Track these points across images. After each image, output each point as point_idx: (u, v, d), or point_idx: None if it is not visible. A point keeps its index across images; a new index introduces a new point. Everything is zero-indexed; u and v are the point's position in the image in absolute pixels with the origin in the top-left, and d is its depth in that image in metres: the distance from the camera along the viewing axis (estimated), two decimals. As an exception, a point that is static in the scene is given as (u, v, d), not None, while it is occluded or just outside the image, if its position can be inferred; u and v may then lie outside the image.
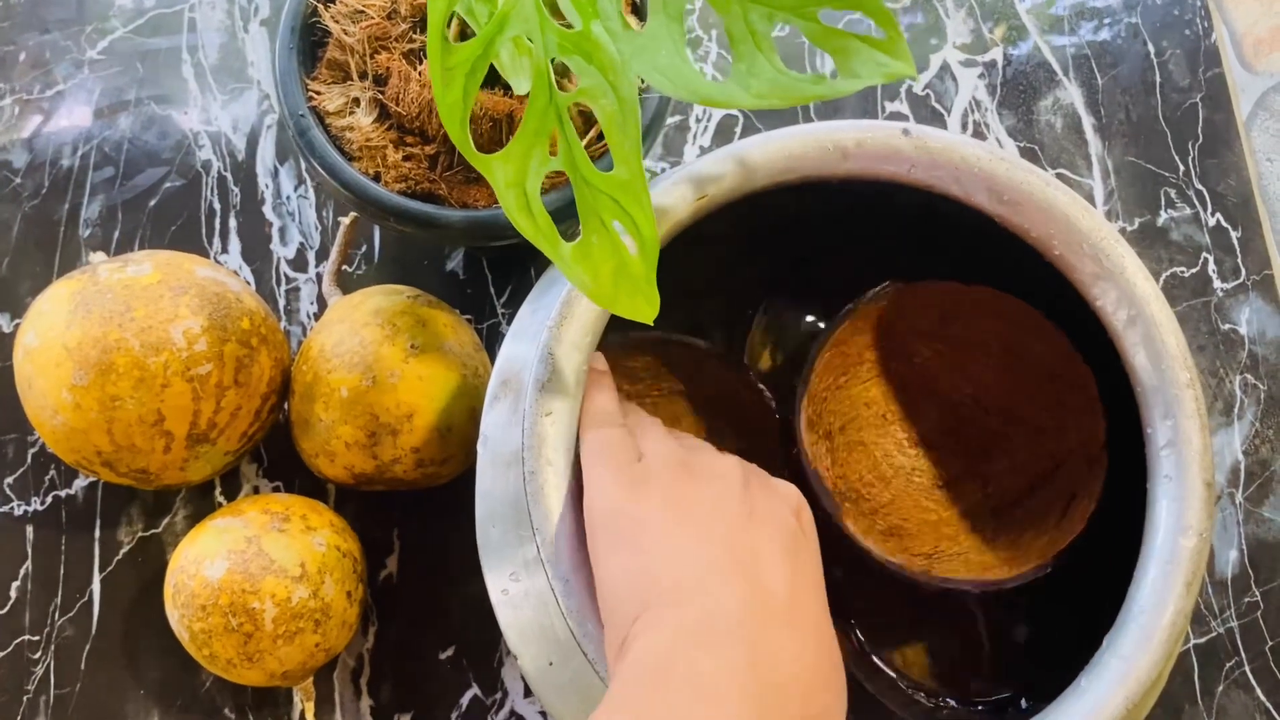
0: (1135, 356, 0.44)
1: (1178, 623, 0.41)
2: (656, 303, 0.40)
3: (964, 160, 0.46)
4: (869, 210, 0.49)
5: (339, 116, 0.53)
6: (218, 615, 0.51)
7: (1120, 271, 0.45)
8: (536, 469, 0.42)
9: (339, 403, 0.53)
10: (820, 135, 0.46)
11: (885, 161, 0.46)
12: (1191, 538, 0.42)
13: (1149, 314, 0.44)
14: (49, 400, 0.52)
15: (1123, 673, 0.41)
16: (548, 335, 0.44)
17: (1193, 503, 0.42)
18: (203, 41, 0.69)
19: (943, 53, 0.69)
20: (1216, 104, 0.68)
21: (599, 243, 0.39)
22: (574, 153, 0.38)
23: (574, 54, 0.37)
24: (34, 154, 0.66)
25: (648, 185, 0.38)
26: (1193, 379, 0.44)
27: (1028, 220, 0.46)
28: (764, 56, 0.40)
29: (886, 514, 0.54)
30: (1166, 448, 0.43)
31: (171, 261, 0.55)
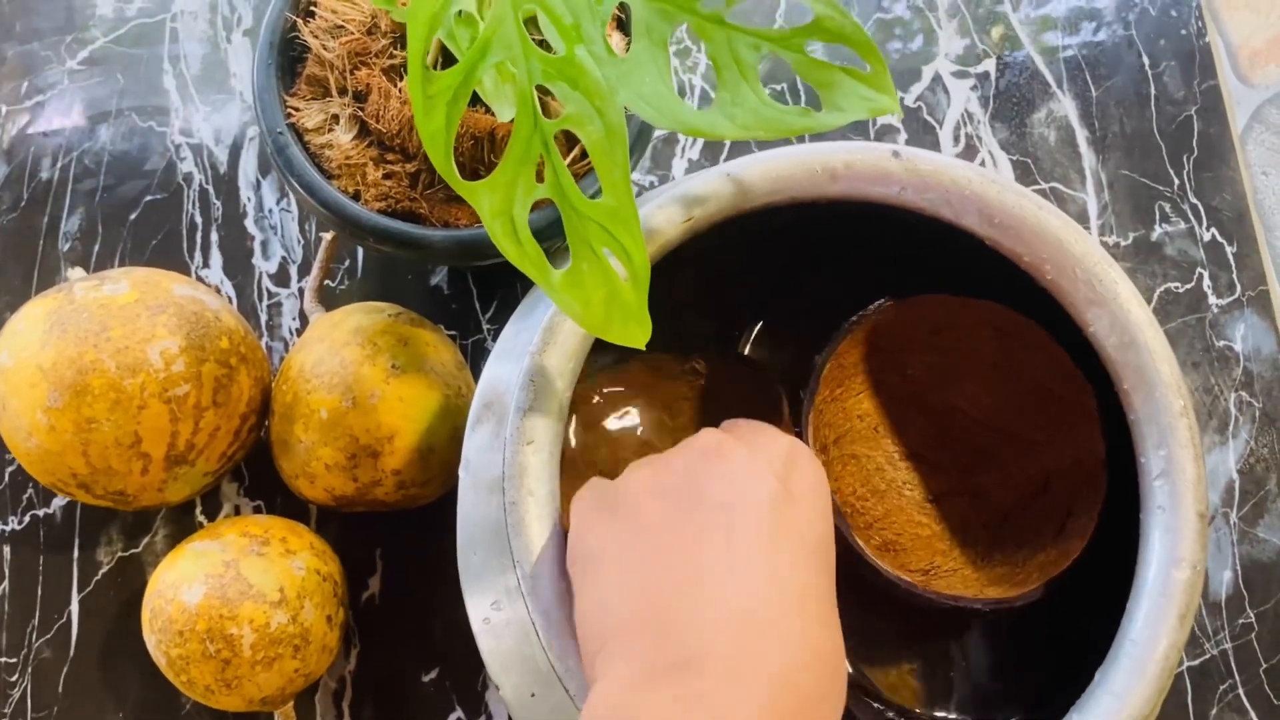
0: (1128, 384, 0.44)
1: (1171, 656, 0.40)
2: (649, 328, 0.39)
3: (954, 183, 0.45)
4: (860, 230, 0.48)
5: (318, 133, 0.52)
6: (195, 641, 0.51)
7: (1114, 298, 0.44)
8: (518, 499, 0.42)
9: (319, 424, 0.52)
10: (808, 157, 0.45)
11: (875, 183, 0.45)
12: (1185, 570, 0.41)
13: (1142, 341, 0.44)
14: (23, 422, 0.51)
15: (1115, 710, 0.40)
16: (530, 362, 0.43)
17: (1186, 534, 0.41)
18: (184, 52, 0.68)
19: (934, 64, 0.68)
20: (1211, 117, 0.67)
21: (589, 270, 0.38)
22: (561, 181, 0.37)
23: (558, 80, 0.36)
24: (12, 165, 0.65)
25: (637, 211, 0.37)
26: (1186, 407, 0.43)
27: (1020, 244, 0.45)
28: (749, 86, 0.40)
29: (881, 528, 0.53)
30: (1160, 478, 0.43)
31: (149, 280, 0.54)
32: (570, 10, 0.36)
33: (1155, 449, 0.43)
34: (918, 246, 0.49)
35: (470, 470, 0.47)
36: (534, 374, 0.43)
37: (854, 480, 0.54)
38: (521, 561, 0.41)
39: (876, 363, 0.54)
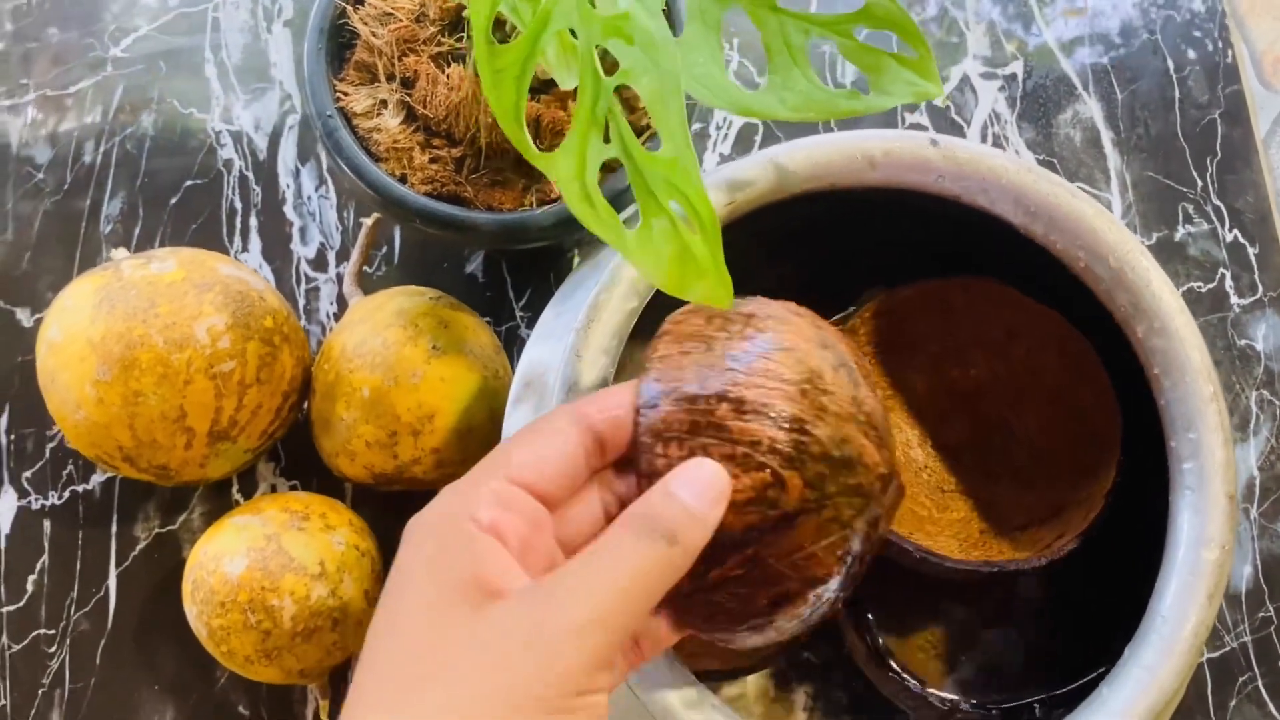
0: (1159, 368, 0.45)
1: (1200, 633, 0.41)
2: (729, 284, 0.38)
3: (991, 171, 0.46)
4: (894, 220, 0.49)
5: (366, 118, 0.53)
6: (236, 612, 0.52)
7: (1145, 285, 0.45)
8: None
9: (360, 402, 0.54)
10: (848, 144, 0.46)
11: (913, 171, 0.46)
12: (1214, 550, 0.42)
13: (1173, 328, 0.45)
14: (72, 395, 0.52)
15: (1145, 683, 0.41)
16: (574, 338, 0.44)
17: (1215, 515, 0.42)
18: (226, 41, 0.69)
19: (963, 65, 0.69)
20: (1235, 121, 0.68)
21: (659, 227, 0.38)
22: (624, 136, 0.38)
23: (615, 36, 0.36)
24: (56, 150, 0.67)
25: (696, 159, 0.37)
26: (1216, 393, 0.44)
27: (1054, 232, 0.46)
28: (799, 70, 0.41)
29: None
30: (1189, 461, 0.44)
31: (195, 259, 0.55)
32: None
33: (1184, 433, 0.44)
34: (949, 240, 0.50)
35: None
36: (579, 349, 0.44)
37: None
38: None
39: (942, 346, 0.54)
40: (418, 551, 0.35)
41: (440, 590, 0.33)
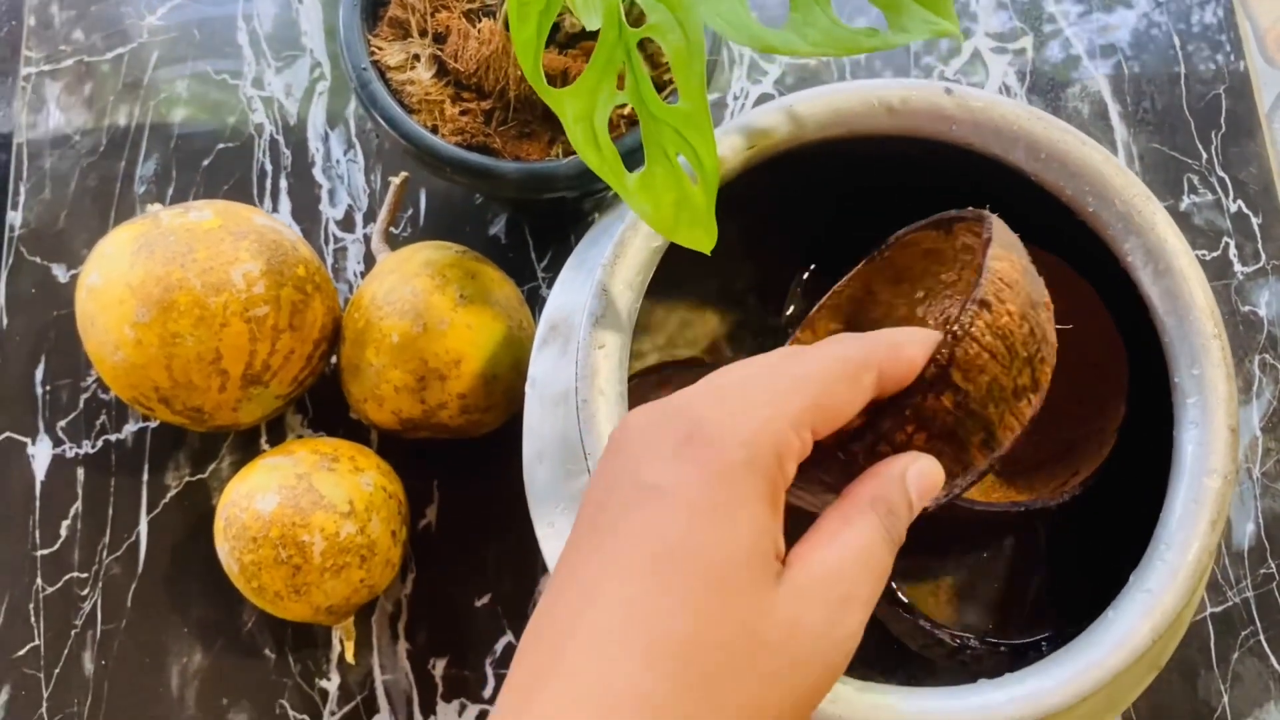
0: (1163, 309, 0.46)
1: (1202, 559, 0.43)
2: (714, 233, 0.42)
3: (1003, 118, 0.48)
4: (910, 168, 0.51)
5: (399, 71, 0.55)
6: (268, 547, 0.53)
7: (1151, 227, 0.47)
8: (589, 398, 0.44)
9: (390, 348, 0.55)
10: (866, 91, 0.48)
11: (928, 119, 0.48)
12: (1216, 479, 0.43)
13: (1178, 268, 0.46)
14: (111, 336, 0.54)
15: (1149, 606, 0.42)
16: (601, 273, 0.46)
17: (1218, 446, 0.44)
18: (258, 10, 0.71)
19: (974, 40, 0.71)
20: (1239, 95, 0.70)
21: (662, 174, 0.41)
22: (641, 86, 0.40)
23: None
24: (92, 114, 0.69)
25: (710, 117, 0.40)
26: (1219, 330, 0.45)
27: (1064, 178, 0.48)
28: (820, 8, 0.43)
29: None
30: (1193, 395, 0.45)
31: (230, 209, 0.57)
32: (656, -75, 0.39)
33: (1189, 369, 0.45)
34: (963, 188, 0.51)
35: (536, 387, 0.49)
36: (605, 285, 0.45)
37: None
38: (592, 454, 0.44)
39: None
40: (734, 486, 0.29)
41: (743, 550, 0.29)
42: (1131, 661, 0.41)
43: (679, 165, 0.41)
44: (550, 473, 0.48)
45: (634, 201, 0.42)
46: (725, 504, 0.29)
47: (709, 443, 0.29)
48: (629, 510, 0.29)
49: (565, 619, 0.29)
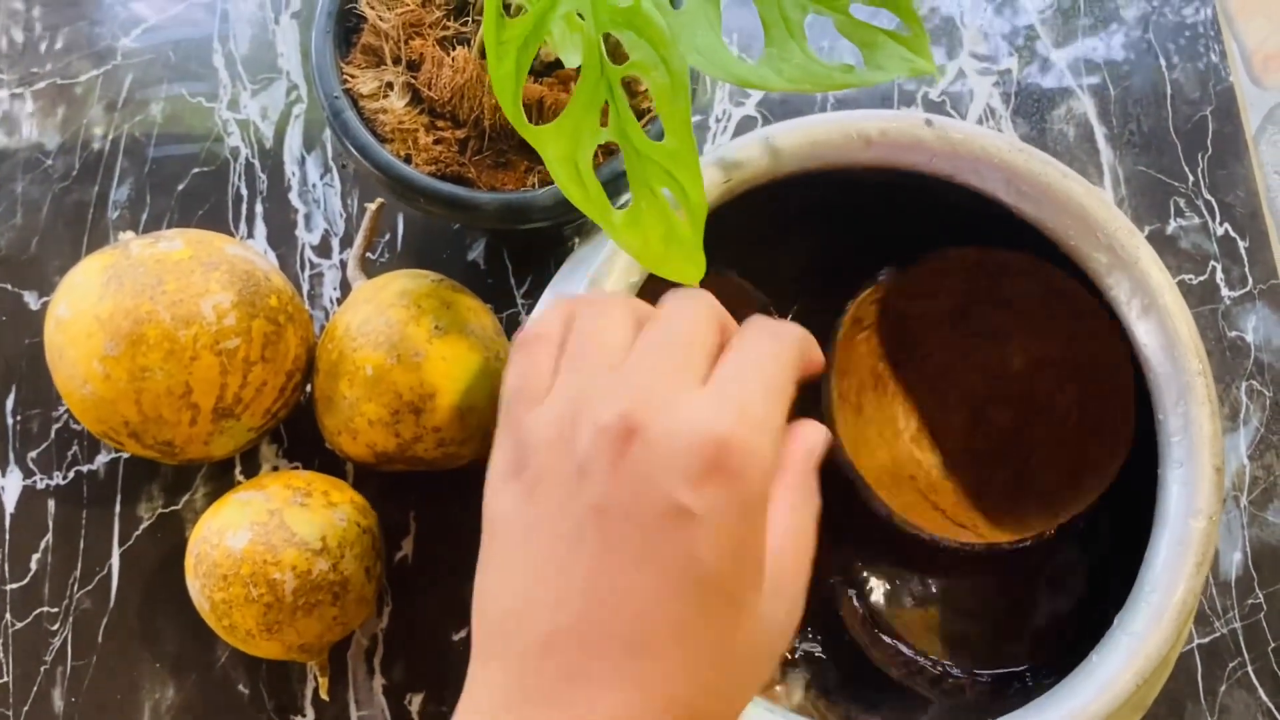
0: (1148, 346, 0.45)
1: (1188, 601, 0.42)
2: (703, 266, 0.41)
3: (984, 151, 0.47)
4: (890, 201, 0.50)
5: (372, 99, 0.54)
6: (239, 585, 0.52)
7: (1134, 262, 0.46)
8: None
9: (364, 380, 0.54)
10: (845, 123, 0.47)
11: (907, 151, 0.47)
12: (1202, 520, 0.43)
13: (1162, 304, 0.45)
14: (79, 370, 0.53)
15: (1134, 649, 0.42)
16: (585, 288, 0.45)
17: (1203, 486, 0.43)
18: (234, 32, 0.70)
19: (959, 60, 0.70)
20: (1226, 117, 0.69)
21: (648, 209, 0.40)
22: (625, 123, 0.39)
23: (625, 29, 0.38)
24: (65, 137, 0.68)
25: (697, 153, 0.39)
26: (1204, 368, 0.45)
27: (1044, 212, 0.47)
28: (795, 43, 0.42)
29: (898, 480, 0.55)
30: (1178, 434, 0.44)
31: (202, 239, 0.56)
32: (634, -38, 0.38)
33: (1174, 406, 0.45)
34: (945, 221, 0.51)
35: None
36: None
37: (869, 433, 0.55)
38: None
39: (897, 318, 0.55)
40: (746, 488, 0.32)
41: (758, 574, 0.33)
42: (1115, 706, 0.41)
43: (665, 200, 0.41)
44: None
45: (621, 238, 0.41)
46: (751, 534, 0.32)
47: (738, 474, 0.32)
48: (666, 530, 0.31)
49: (617, 626, 0.31)
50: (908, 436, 0.55)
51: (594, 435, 0.33)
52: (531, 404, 0.36)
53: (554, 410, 0.35)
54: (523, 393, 0.36)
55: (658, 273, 0.43)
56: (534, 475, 0.34)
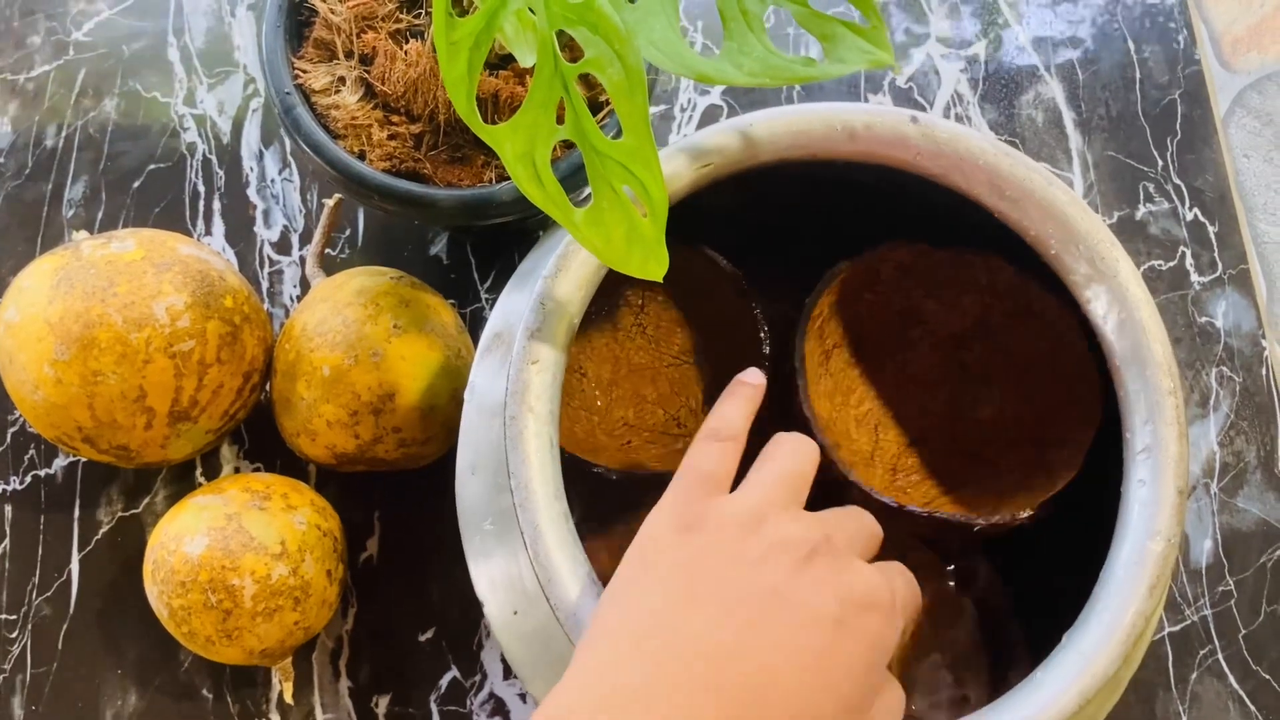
0: (1121, 360, 0.45)
1: (1138, 624, 0.41)
2: (665, 263, 0.41)
3: (969, 152, 0.46)
4: (870, 196, 0.49)
5: (324, 95, 0.53)
6: (197, 592, 0.51)
7: (1114, 275, 0.45)
8: (518, 414, 0.43)
9: (321, 381, 0.53)
10: (829, 114, 0.46)
11: (891, 146, 0.47)
12: (1159, 542, 0.42)
13: (1139, 319, 0.44)
14: (30, 375, 0.52)
15: (1080, 668, 0.41)
16: (542, 286, 0.44)
17: (1165, 508, 0.42)
18: (189, 25, 0.69)
19: (925, 46, 0.69)
20: (1195, 101, 0.68)
21: (610, 208, 0.39)
22: (582, 122, 0.38)
23: (579, 25, 0.37)
24: (18, 134, 0.66)
25: (656, 150, 0.38)
26: (1175, 387, 0.44)
27: (1027, 217, 0.46)
28: (755, 36, 0.41)
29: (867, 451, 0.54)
30: (1144, 452, 0.44)
31: (155, 239, 0.55)
32: (587, -44, 0.37)
33: (1142, 424, 0.44)
34: (925, 221, 0.50)
35: (475, 394, 0.48)
36: (544, 298, 0.44)
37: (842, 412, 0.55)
38: (516, 473, 0.42)
39: (867, 302, 0.55)
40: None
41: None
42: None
43: (626, 198, 0.40)
44: (482, 485, 0.47)
45: (583, 237, 0.40)
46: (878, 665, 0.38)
47: (885, 623, 0.38)
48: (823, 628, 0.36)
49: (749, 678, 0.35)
50: (870, 425, 0.55)
51: (784, 538, 0.37)
52: (716, 491, 0.40)
53: (744, 505, 0.39)
54: (710, 479, 0.40)
55: (621, 270, 0.42)
56: (710, 541, 0.38)
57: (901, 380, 0.55)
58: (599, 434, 0.56)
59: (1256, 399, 0.64)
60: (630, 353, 0.57)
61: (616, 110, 0.39)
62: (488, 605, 0.45)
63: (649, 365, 0.57)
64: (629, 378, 0.57)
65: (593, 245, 0.40)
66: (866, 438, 0.55)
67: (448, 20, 0.37)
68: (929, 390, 0.55)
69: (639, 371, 0.57)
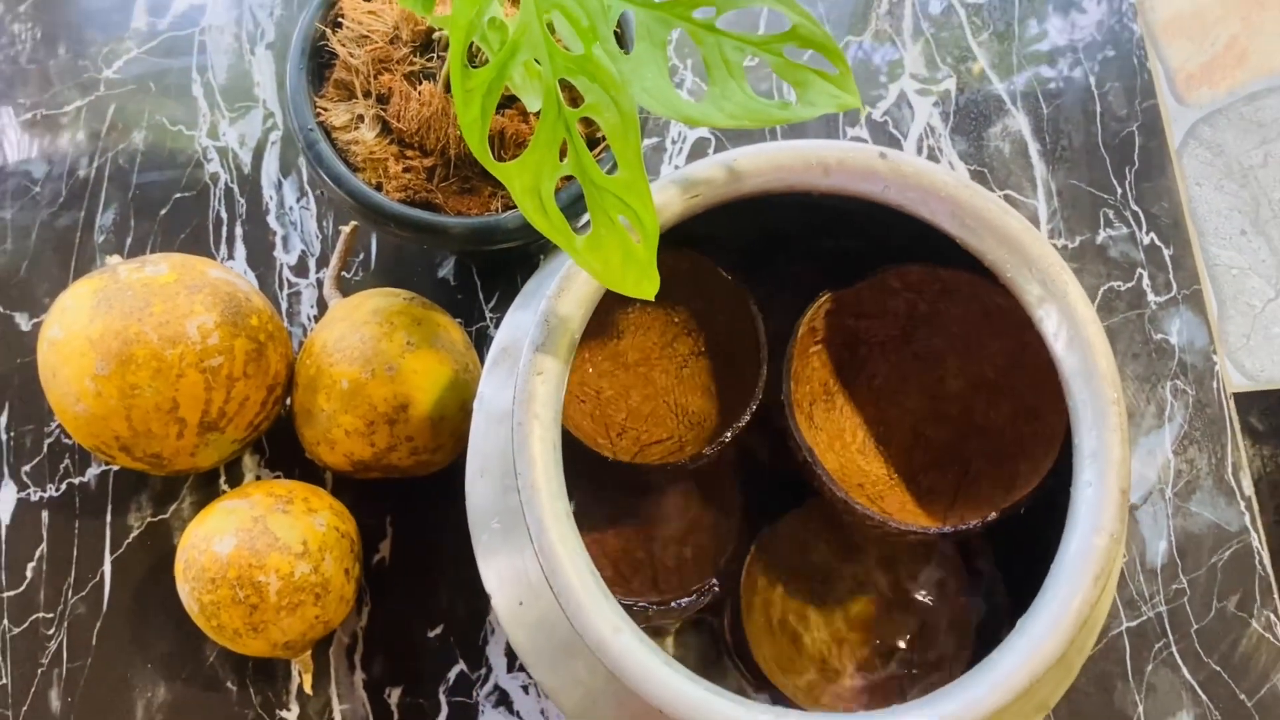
0: (1070, 374, 0.49)
1: (1083, 611, 0.45)
2: (656, 283, 0.45)
3: (933, 185, 0.50)
4: (845, 226, 0.54)
5: (344, 131, 0.58)
6: (226, 588, 0.56)
7: (1063, 295, 0.49)
8: (524, 420, 0.47)
9: (340, 394, 0.58)
10: (806, 150, 0.51)
11: (862, 180, 0.51)
12: (1104, 537, 0.46)
13: (1085, 337, 0.49)
14: (72, 388, 0.57)
15: (1030, 650, 0.45)
16: (546, 304, 0.48)
17: (1109, 506, 0.47)
18: (212, 63, 0.73)
19: (900, 83, 0.74)
20: (1151, 133, 0.73)
21: (607, 234, 0.44)
22: (582, 159, 0.43)
23: (579, 74, 0.42)
24: (52, 165, 0.71)
25: (648, 183, 0.43)
26: (1119, 398, 0.48)
27: (984, 244, 0.51)
28: (735, 82, 0.46)
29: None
30: (1090, 457, 0.48)
31: (186, 263, 0.60)
32: (586, 14, 0.42)
33: (1089, 431, 0.48)
34: (895, 249, 0.54)
35: (484, 404, 0.52)
36: (549, 315, 0.48)
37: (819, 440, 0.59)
38: (523, 474, 0.46)
39: (816, 354, 0.59)
40: None
41: None
42: (1009, 701, 0.44)
43: (622, 226, 0.44)
44: (490, 487, 0.51)
45: (583, 261, 0.44)
46: None
47: None
48: None
49: None
50: (854, 448, 0.59)
51: None
52: None
53: None
54: None
55: (617, 290, 0.46)
56: None
57: (874, 396, 0.60)
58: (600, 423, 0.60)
59: (1208, 410, 0.68)
60: (632, 352, 0.61)
61: (612, 148, 0.44)
62: (495, 598, 0.50)
63: (641, 361, 0.61)
64: (634, 375, 0.61)
65: (592, 268, 0.45)
66: (878, 464, 0.59)
67: (463, 70, 0.42)
68: (900, 391, 0.59)
69: (640, 369, 0.61)
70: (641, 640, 0.44)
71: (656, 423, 0.59)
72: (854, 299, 0.57)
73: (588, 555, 0.46)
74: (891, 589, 0.58)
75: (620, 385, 0.60)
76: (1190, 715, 0.63)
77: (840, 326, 0.57)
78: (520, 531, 0.48)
